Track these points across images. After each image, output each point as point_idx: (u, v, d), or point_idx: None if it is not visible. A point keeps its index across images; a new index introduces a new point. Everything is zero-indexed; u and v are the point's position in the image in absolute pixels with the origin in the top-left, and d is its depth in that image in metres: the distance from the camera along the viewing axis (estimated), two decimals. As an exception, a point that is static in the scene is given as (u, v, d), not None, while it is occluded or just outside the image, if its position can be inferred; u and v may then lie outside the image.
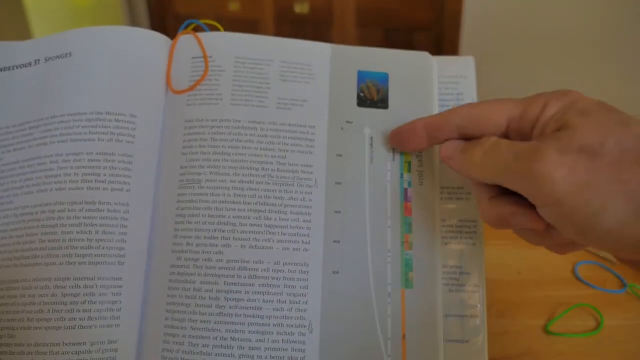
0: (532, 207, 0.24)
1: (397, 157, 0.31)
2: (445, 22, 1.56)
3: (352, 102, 0.31)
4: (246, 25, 1.73)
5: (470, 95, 0.32)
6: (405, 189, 0.30)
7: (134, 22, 1.90)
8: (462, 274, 0.29)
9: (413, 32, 1.59)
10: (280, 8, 1.71)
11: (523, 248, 0.49)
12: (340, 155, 0.30)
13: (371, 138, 0.31)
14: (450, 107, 0.29)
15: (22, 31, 1.36)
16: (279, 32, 1.72)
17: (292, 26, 1.73)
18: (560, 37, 1.47)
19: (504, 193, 0.26)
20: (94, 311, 0.26)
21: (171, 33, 0.34)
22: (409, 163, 0.30)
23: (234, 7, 1.77)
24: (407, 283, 0.29)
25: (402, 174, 0.30)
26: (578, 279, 0.44)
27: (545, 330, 0.39)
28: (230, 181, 0.29)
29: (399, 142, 0.30)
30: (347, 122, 0.31)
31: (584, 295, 0.42)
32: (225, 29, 0.33)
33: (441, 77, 0.33)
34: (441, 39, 1.58)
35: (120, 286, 0.27)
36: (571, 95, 0.25)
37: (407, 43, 1.60)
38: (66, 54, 0.30)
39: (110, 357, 0.26)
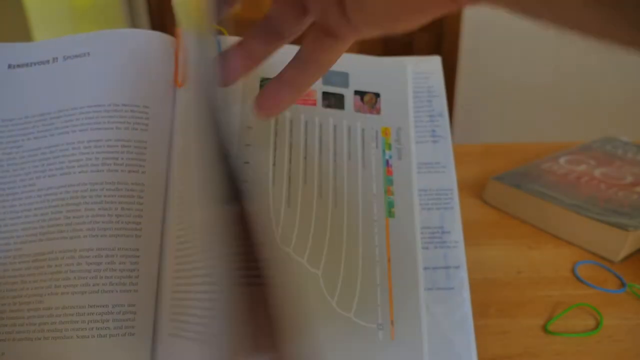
0: None
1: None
2: (445, 22, 1.56)
3: None
4: (246, 25, 1.73)
5: (439, 88, 0.38)
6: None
7: (133, 22, 1.90)
8: (444, 232, 0.35)
9: (413, 32, 1.59)
10: (280, 8, 1.70)
11: (523, 248, 0.49)
12: None
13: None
14: (422, 100, 0.37)
15: (22, 31, 1.36)
16: (279, 32, 1.72)
17: (292, 26, 1.73)
18: (560, 37, 1.47)
19: None
20: (114, 278, 0.29)
21: (171, 33, 0.34)
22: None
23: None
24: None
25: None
26: (578, 278, 0.44)
27: (545, 330, 0.39)
28: None
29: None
30: None
31: (583, 295, 0.43)
32: (226, 30, 0.35)
33: (414, 72, 0.38)
34: (441, 39, 1.58)
35: (138, 256, 0.30)
36: None
37: (407, 44, 1.60)
38: (85, 53, 0.34)
39: (129, 319, 0.29)
